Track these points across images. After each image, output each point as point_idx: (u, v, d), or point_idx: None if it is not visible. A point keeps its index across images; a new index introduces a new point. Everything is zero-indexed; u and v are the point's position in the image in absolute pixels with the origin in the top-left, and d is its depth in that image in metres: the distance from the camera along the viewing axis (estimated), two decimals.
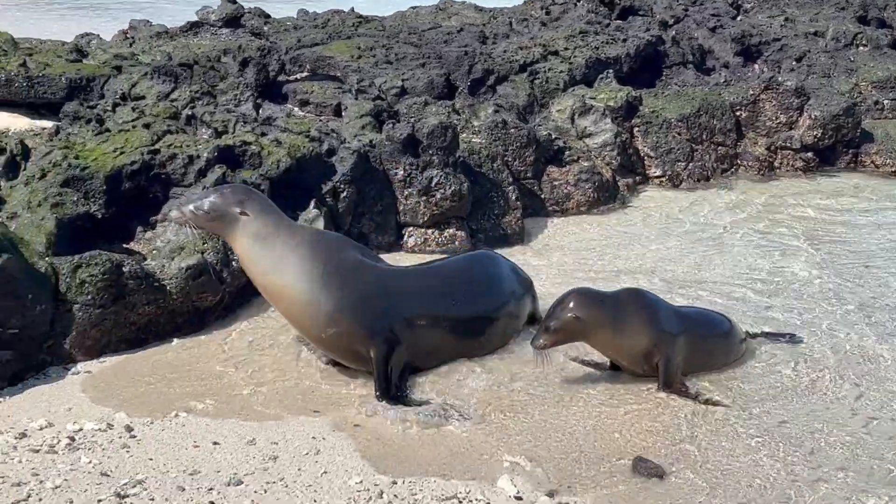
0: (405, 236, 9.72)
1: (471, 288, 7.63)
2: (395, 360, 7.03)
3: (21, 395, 6.80)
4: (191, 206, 6.93)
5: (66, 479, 5.82)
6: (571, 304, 6.88)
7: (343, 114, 10.85)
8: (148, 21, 15.36)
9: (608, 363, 7.42)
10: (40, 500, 5.62)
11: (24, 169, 8.54)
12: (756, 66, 14.37)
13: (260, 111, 10.60)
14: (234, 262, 8.14)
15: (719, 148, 11.83)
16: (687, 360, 7.29)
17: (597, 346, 7.22)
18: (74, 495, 5.66)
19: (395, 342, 7.05)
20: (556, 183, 10.68)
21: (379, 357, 6.94)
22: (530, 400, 7.01)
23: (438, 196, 9.55)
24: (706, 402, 6.96)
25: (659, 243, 10.24)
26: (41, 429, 6.35)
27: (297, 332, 7.42)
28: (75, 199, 8.04)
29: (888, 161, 12.21)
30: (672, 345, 7.15)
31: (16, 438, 6.20)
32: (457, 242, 9.68)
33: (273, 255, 6.90)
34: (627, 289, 7.63)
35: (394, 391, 6.91)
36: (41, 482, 5.78)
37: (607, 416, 6.89)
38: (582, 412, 6.90)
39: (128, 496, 5.70)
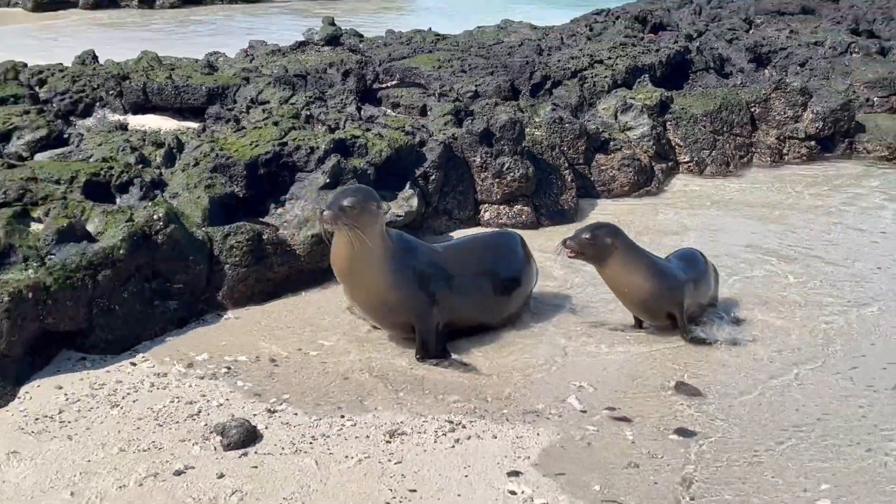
0: (482, 211, 9.77)
1: (494, 259, 7.37)
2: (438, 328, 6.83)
3: (186, 335, 7.04)
4: (345, 203, 6.34)
5: (227, 399, 6.14)
6: (608, 230, 6.91)
7: (428, 113, 10.98)
8: (264, 41, 15.66)
9: (632, 321, 7.37)
10: (208, 414, 5.94)
11: (180, 159, 8.73)
12: (766, 71, 14.37)
13: (361, 112, 10.79)
14: None
15: (737, 138, 11.86)
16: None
17: (610, 279, 7.03)
18: (234, 410, 5.98)
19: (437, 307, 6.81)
20: (602, 168, 10.78)
21: (426, 322, 6.78)
22: (583, 349, 7.19)
23: (509, 178, 9.65)
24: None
25: (686, 216, 10.36)
26: (204, 360, 6.62)
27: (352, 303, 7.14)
28: (223, 181, 8.21)
29: (878, 147, 12.23)
30: (681, 294, 7.05)
31: (186, 367, 6.50)
32: (523, 216, 9.74)
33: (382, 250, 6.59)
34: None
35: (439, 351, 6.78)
36: (208, 401, 6.10)
37: (648, 355, 7.08)
38: (626, 353, 7.08)
39: (276, 411, 6.03)
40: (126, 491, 5.11)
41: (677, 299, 7.07)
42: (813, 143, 12.10)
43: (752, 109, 12.15)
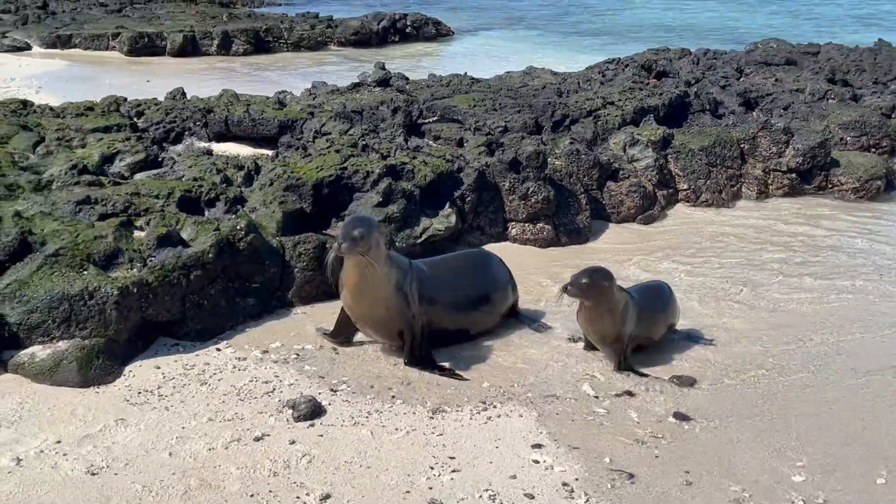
0: (509, 228, 9.80)
1: (472, 275, 7.23)
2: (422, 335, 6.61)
3: (262, 326, 7.16)
4: (356, 234, 6.13)
5: (296, 379, 6.29)
6: (603, 274, 6.54)
7: (465, 145, 11.01)
8: (324, 82, 15.87)
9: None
10: (281, 392, 6.11)
11: (257, 179, 8.91)
12: (755, 113, 14.38)
13: (408, 143, 10.92)
14: (397, 243, 8.56)
15: (729, 170, 11.87)
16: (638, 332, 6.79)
17: (588, 315, 6.66)
18: (303, 389, 6.14)
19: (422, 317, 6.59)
20: (613, 193, 10.80)
21: (413, 334, 6.56)
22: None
23: (533, 200, 9.70)
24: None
25: (679, 237, 10.42)
26: (277, 348, 6.77)
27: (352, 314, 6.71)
28: (293, 199, 8.35)
29: (850, 180, 12.23)
30: (627, 333, 6.66)
31: (262, 353, 6.67)
32: (544, 233, 9.75)
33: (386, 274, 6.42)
34: (644, 284, 7.39)
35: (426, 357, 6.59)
36: (280, 381, 6.26)
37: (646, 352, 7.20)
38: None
39: (337, 391, 6.18)
40: (214, 453, 5.30)
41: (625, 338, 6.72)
42: (794, 175, 12.10)
43: (742, 145, 12.17)
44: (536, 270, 8.87)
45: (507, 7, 40.32)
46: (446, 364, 6.63)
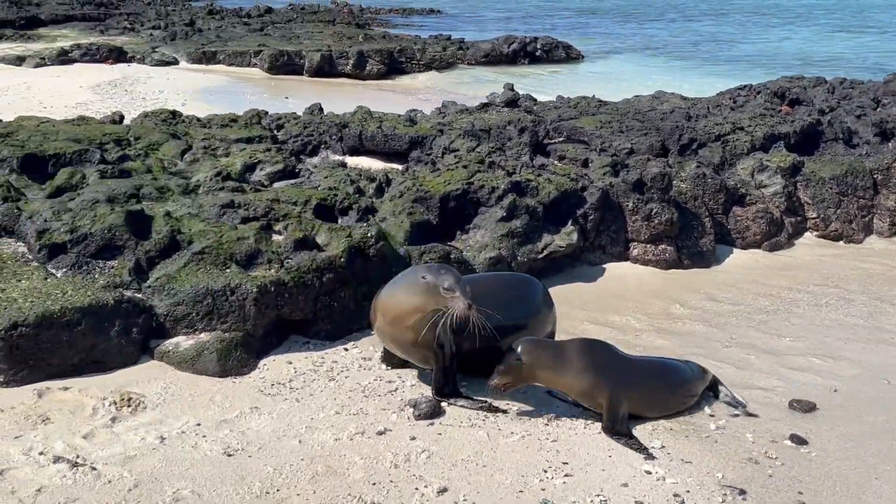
0: (630, 248, 9.85)
1: (509, 301, 6.52)
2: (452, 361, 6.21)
3: None
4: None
5: (417, 381, 6.52)
6: (519, 350, 5.86)
7: (589, 165, 11.11)
8: (454, 102, 16.26)
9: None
10: (403, 391, 6.36)
11: (388, 191, 9.28)
12: (890, 143, 14.01)
13: (534, 161, 11.12)
14: (519, 257, 8.77)
15: (860, 200, 11.62)
16: (634, 405, 6.05)
17: (548, 385, 6.13)
18: (424, 390, 6.32)
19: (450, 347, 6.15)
20: (738, 218, 10.72)
21: (442, 360, 6.17)
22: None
23: (656, 221, 9.73)
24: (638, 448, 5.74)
25: (805, 266, 10.29)
26: None
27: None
28: (421, 210, 8.67)
29: None
30: (616, 391, 5.93)
31: None
32: (666, 255, 9.77)
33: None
34: (572, 339, 6.38)
35: (455, 388, 6.24)
36: (403, 381, 6.56)
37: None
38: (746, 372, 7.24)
39: None
40: (340, 443, 5.61)
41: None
42: None
43: (875, 176, 11.88)
44: (655, 293, 8.94)
45: (641, 33, 40.20)
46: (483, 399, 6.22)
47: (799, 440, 5.98)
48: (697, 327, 8.10)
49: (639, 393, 6.07)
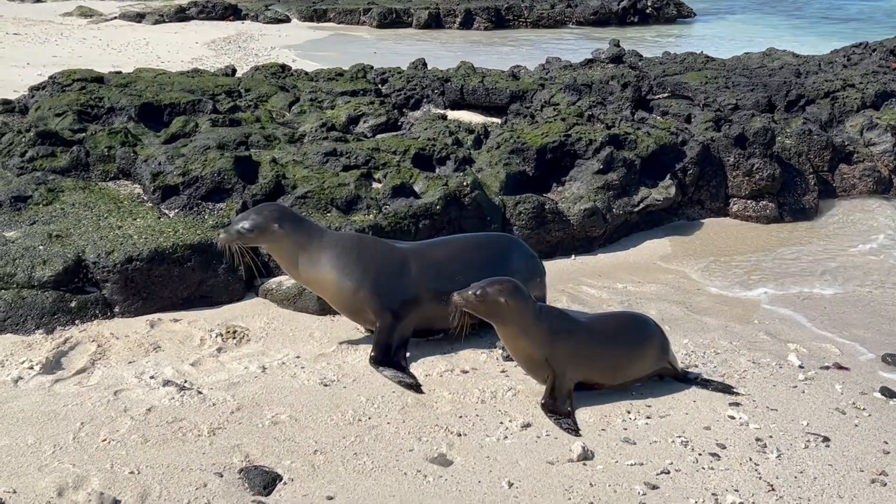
0: (730, 204, 9.78)
1: (483, 265, 6.03)
2: (399, 332, 5.99)
3: None
4: (237, 227, 5.87)
5: None
6: (504, 287, 5.31)
7: (692, 120, 11.05)
8: (559, 58, 16.22)
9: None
10: (493, 335, 6.59)
11: (485, 143, 9.44)
12: None
13: (635, 115, 11.08)
14: (614, 209, 8.80)
15: None
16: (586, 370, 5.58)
17: (501, 335, 5.53)
18: None
19: (401, 316, 5.97)
20: (845, 176, 10.48)
21: (383, 327, 5.96)
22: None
23: (757, 177, 9.61)
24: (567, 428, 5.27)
25: None
26: None
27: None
28: (517, 161, 8.78)
29: None
30: (562, 366, 5.44)
31: None
32: (767, 211, 9.67)
33: (309, 257, 5.91)
34: (549, 306, 5.94)
35: (391, 358, 5.92)
36: None
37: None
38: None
39: None
40: (430, 378, 5.83)
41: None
42: None
43: None
44: (754, 248, 8.87)
45: None
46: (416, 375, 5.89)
47: (890, 393, 5.92)
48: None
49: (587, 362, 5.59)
